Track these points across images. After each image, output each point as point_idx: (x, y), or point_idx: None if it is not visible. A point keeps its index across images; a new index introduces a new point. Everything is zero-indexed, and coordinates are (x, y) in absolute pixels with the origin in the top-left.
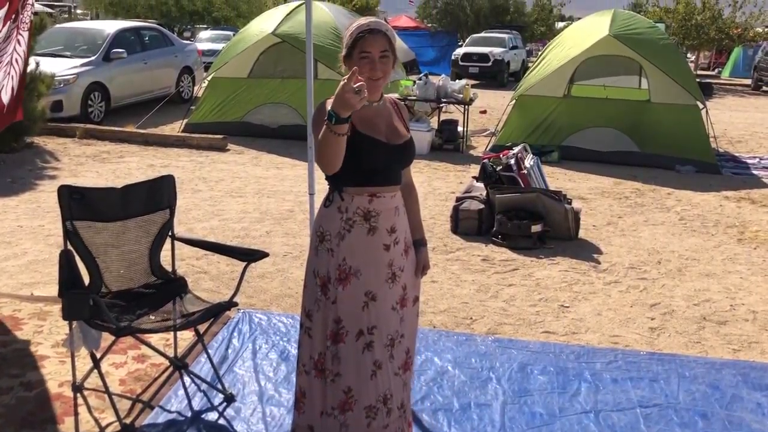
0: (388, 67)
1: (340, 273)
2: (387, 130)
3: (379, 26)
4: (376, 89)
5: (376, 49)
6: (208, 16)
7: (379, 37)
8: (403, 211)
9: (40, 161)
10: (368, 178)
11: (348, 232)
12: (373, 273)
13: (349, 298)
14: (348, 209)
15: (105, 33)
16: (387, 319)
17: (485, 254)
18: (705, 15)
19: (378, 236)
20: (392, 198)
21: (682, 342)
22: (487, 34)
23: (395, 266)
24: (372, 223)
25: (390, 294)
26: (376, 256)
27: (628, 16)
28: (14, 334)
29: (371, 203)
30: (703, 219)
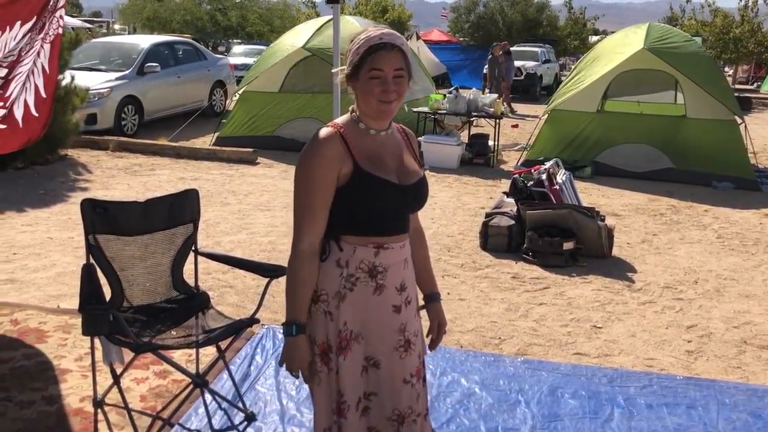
0: (403, 88)
1: (341, 340)
2: (397, 166)
3: (393, 39)
4: (386, 115)
5: (389, 66)
6: (242, 31)
7: (393, 53)
8: (410, 264)
9: (72, 173)
10: (374, 226)
11: (350, 291)
12: (377, 337)
13: (350, 366)
14: (349, 263)
15: (139, 47)
16: (395, 391)
17: (515, 272)
18: (744, 28)
19: (386, 296)
20: (401, 249)
21: (721, 367)
22: (519, 48)
23: (409, 331)
24: (379, 280)
25: (402, 365)
26: (384, 320)
27: (663, 30)
28: (38, 347)
29: (377, 256)
30: (742, 237)
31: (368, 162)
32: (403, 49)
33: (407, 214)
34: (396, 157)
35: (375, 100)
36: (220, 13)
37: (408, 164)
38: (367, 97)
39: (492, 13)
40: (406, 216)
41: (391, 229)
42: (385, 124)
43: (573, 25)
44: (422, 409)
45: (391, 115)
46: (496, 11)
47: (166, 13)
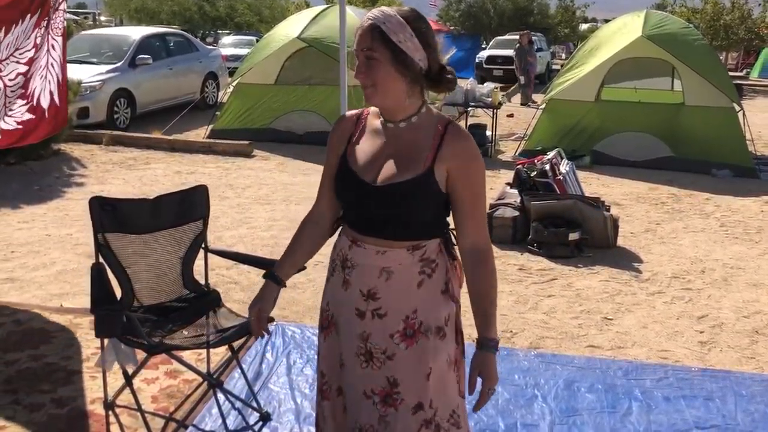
0: (376, 71)
1: (322, 320)
2: (383, 165)
3: (374, 16)
4: (368, 100)
5: (358, 46)
6: (231, 22)
7: (363, 31)
8: (407, 281)
9: (67, 168)
10: (349, 218)
11: (331, 275)
12: (344, 333)
13: (329, 351)
14: (335, 248)
15: (130, 39)
16: (354, 402)
17: (521, 263)
18: (734, 15)
19: (350, 295)
20: (378, 255)
21: (735, 357)
22: (511, 37)
23: (373, 344)
24: (347, 275)
25: (362, 376)
26: (348, 318)
27: (661, 17)
28: (44, 348)
29: (350, 249)
30: (745, 225)
31: (356, 152)
32: (380, 26)
33: (379, 217)
34: (395, 152)
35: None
36: (209, 4)
37: (403, 162)
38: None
39: (483, 2)
40: (382, 220)
41: (364, 228)
42: (396, 115)
43: (563, 13)
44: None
45: (372, 101)
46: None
47: (154, 4)
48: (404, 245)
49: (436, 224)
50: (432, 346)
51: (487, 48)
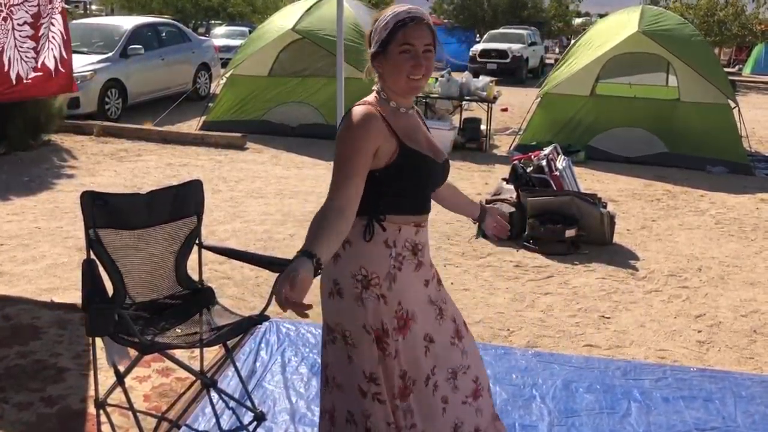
0: (432, 64)
1: (398, 321)
2: (427, 143)
3: (421, 14)
4: (415, 91)
5: (419, 41)
6: (223, 12)
7: (423, 27)
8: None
9: (57, 159)
10: (417, 204)
11: (399, 271)
12: (423, 313)
13: (410, 347)
14: (396, 243)
15: (122, 29)
16: (447, 355)
17: (517, 260)
18: (728, 11)
19: (422, 272)
20: (427, 228)
21: (734, 357)
22: (505, 30)
23: (436, 300)
24: (420, 257)
25: (443, 330)
26: (420, 295)
27: (657, 13)
28: (34, 345)
29: (417, 234)
30: (740, 223)
31: (409, 140)
32: (429, 23)
33: (432, 194)
34: (425, 135)
35: (404, 77)
36: None
37: (434, 143)
38: (396, 74)
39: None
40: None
41: (425, 208)
42: (411, 101)
43: (557, 7)
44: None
45: (419, 91)
46: None
47: None
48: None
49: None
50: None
51: (481, 41)
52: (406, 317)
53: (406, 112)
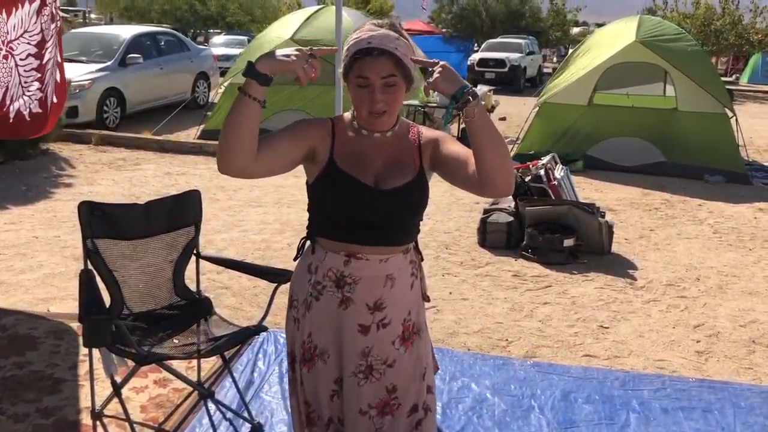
0: (396, 96)
1: (304, 351)
2: (381, 168)
3: (383, 43)
4: (377, 126)
5: (375, 74)
6: (222, 21)
7: (382, 60)
8: (405, 284)
9: (55, 168)
10: (345, 230)
11: (315, 300)
12: (345, 358)
13: (314, 383)
14: (318, 269)
15: (121, 38)
16: (351, 422)
17: (516, 269)
18: (725, 20)
19: (353, 312)
20: (381, 263)
21: (733, 368)
22: (503, 39)
23: (375, 357)
24: (346, 292)
25: (359, 393)
26: (347, 339)
27: (655, 22)
28: (30, 355)
29: (347, 265)
30: (739, 232)
31: (346, 159)
32: (396, 54)
33: (385, 223)
34: (386, 160)
35: (365, 111)
36: (200, 3)
37: (398, 168)
38: (357, 106)
39: (475, 5)
40: (390, 225)
41: (366, 238)
42: (383, 125)
43: (555, 16)
44: None
45: (384, 126)
46: (479, 2)
47: (144, 2)
48: (400, 249)
49: (419, 223)
50: (423, 344)
51: (479, 51)
52: (313, 352)
53: (370, 136)
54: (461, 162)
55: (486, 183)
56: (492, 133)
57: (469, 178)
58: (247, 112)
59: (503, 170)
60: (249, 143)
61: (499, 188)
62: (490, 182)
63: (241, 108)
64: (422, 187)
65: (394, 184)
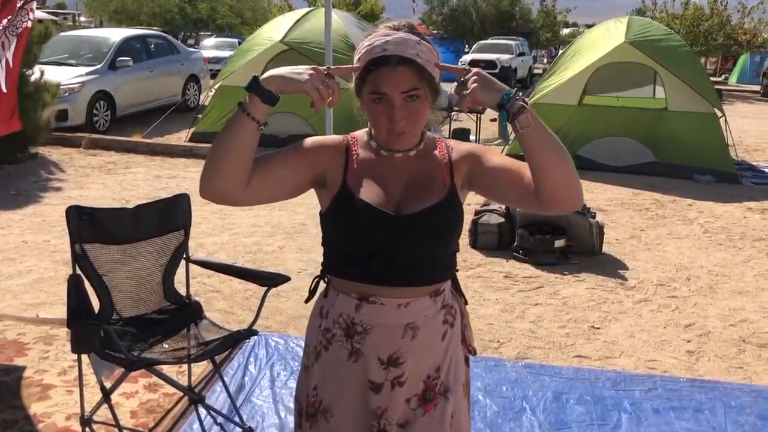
0: (420, 112)
1: (308, 405)
2: (404, 193)
3: (401, 49)
4: (399, 145)
5: (394, 88)
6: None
7: (401, 70)
8: (434, 335)
9: (44, 172)
10: (357, 267)
11: (324, 350)
12: (346, 418)
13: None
14: (329, 314)
15: (111, 41)
16: None
17: (507, 270)
18: (713, 21)
19: (363, 366)
20: (399, 309)
21: (723, 367)
22: (494, 41)
23: (388, 420)
24: (355, 343)
25: None
26: (356, 397)
27: (644, 23)
28: (18, 361)
29: (358, 310)
30: (728, 232)
31: (361, 182)
32: (418, 60)
33: (405, 256)
34: (410, 182)
35: (384, 130)
36: (190, 5)
37: (423, 189)
38: (374, 125)
39: (465, 6)
40: (407, 261)
41: (382, 277)
42: (405, 144)
43: (545, 17)
44: None
45: (406, 145)
46: (470, 4)
47: (134, 5)
48: (427, 291)
49: (455, 257)
50: (450, 409)
51: (470, 52)
52: (318, 407)
53: (390, 156)
54: (513, 176)
55: (550, 200)
56: (553, 143)
57: (526, 195)
58: (243, 132)
59: (569, 184)
60: (240, 169)
61: (567, 205)
62: (555, 200)
63: (236, 128)
64: (453, 208)
65: (418, 207)
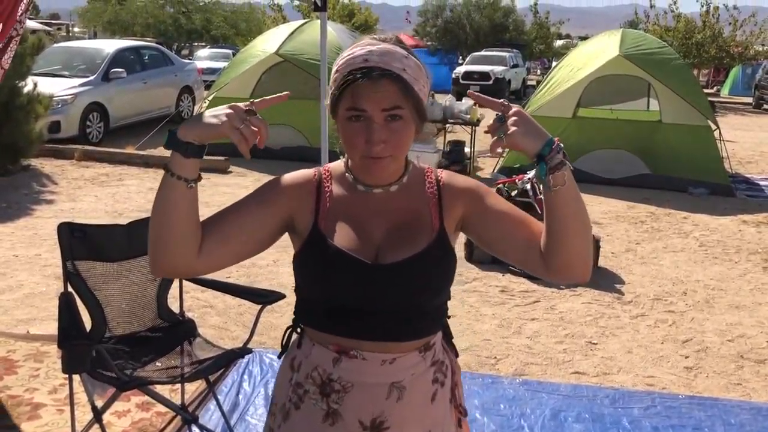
0: (403, 135)
1: None
2: (385, 236)
3: (385, 62)
4: (375, 173)
5: (375, 105)
6: (207, 35)
7: (384, 85)
8: (422, 395)
9: (36, 185)
10: (333, 318)
11: (295, 408)
12: None
13: None
14: (302, 366)
15: (104, 52)
16: None
17: (503, 284)
18: (705, 33)
19: (340, 430)
20: (384, 366)
21: (722, 383)
22: (487, 53)
23: None
24: (332, 402)
25: None
26: None
27: (638, 36)
28: (8, 379)
29: (336, 365)
30: (724, 245)
31: (335, 225)
32: (404, 76)
33: (390, 309)
34: (392, 224)
35: (358, 153)
36: (184, 16)
37: (407, 233)
38: (348, 147)
39: (459, 18)
40: (393, 314)
41: (364, 329)
42: (385, 177)
43: (539, 29)
44: None
45: (386, 177)
46: (464, 16)
47: (128, 16)
48: (415, 346)
49: (445, 306)
50: None
51: (463, 64)
52: None
53: (368, 192)
54: (518, 230)
55: (561, 270)
56: (582, 208)
57: (530, 256)
58: (174, 197)
59: (586, 256)
60: (184, 239)
61: (578, 277)
62: (567, 270)
63: (166, 193)
64: (443, 254)
65: (401, 255)
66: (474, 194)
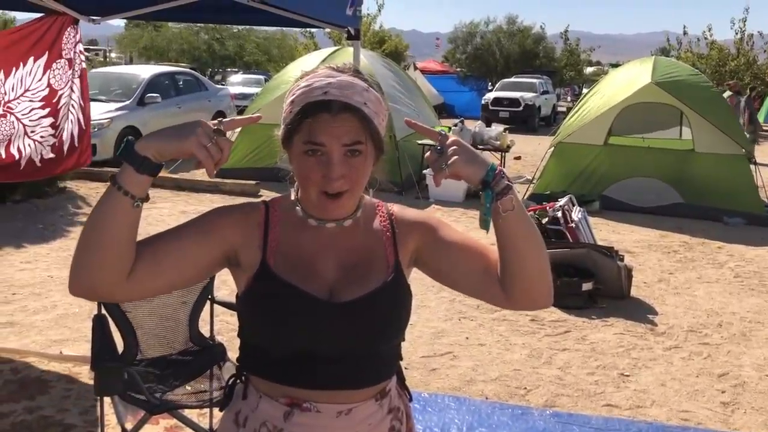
0: (362, 170)
1: None
2: (338, 272)
3: (346, 95)
4: (331, 212)
5: (334, 139)
6: (240, 61)
7: (344, 119)
8: None
9: (72, 207)
10: (285, 368)
11: None
12: None
13: None
14: (248, 421)
15: (140, 78)
16: None
17: (533, 314)
18: (739, 61)
19: None
20: (341, 417)
21: (761, 420)
22: (517, 79)
23: None
24: None
25: None
26: None
27: (670, 64)
28: (41, 399)
29: (288, 420)
30: (761, 276)
31: (286, 261)
32: (364, 111)
33: (347, 354)
34: (345, 260)
35: (315, 190)
36: (218, 43)
37: (362, 270)
38: (302, 182)
39: (489, 44)
40: (349, 359)
41: (318, 378)
42: (341, 211)
43: (569, 56)
44: None
45: (341, 212)
46: (494, 42)
47: (163, 42)
48: (371, 393)
49: (399, 348)
50: None
51: (493, 90)
52: None
53: (320, 227)
54: (474, 259)
55: (521, 294)
56: (533, 228)
57: (487, 285)
58: (115, 212)
59: (544, 279)
60: (115, 258)
61: (540, 300)
62: (528, 293)
63: (107, 206)
64: (400, 290)
65: (357, 292)
66: (427, 226)
